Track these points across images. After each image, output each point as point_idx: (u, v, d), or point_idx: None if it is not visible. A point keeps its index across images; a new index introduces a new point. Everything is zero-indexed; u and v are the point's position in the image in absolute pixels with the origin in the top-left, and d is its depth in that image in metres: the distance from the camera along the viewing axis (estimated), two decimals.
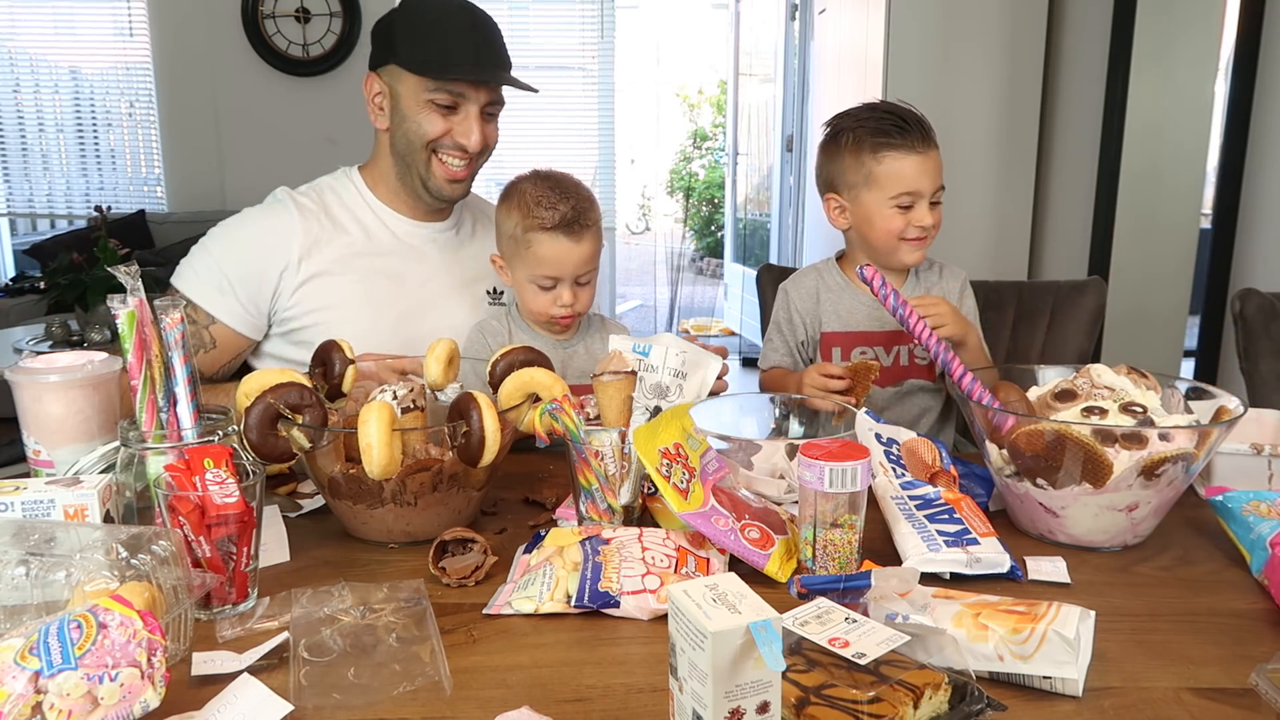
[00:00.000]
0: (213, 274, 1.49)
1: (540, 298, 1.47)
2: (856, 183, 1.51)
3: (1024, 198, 3.75)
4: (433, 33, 1.47)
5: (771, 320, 1.66)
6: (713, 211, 9.98)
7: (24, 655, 0.65)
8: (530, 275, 1.46)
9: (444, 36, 1.47)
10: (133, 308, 0.97)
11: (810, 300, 1.60)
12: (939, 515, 1.05)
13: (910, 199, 1.49)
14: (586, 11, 5.00)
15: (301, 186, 1.60)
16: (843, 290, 1.59)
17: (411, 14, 1.50)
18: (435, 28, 1.48)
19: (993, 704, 0.70)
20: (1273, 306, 1.81)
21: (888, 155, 1.48)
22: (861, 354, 1.57)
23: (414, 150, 1.52)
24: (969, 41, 3.60)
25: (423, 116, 1.49)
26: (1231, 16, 3.07)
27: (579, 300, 1.48)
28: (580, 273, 1.46)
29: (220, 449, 0.92)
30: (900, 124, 1.49)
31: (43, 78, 5.13)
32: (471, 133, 1.50)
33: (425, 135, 1.49)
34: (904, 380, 1.57)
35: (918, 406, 1.58)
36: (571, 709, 0.76)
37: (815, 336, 1.59)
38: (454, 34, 1.47)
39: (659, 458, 0.96)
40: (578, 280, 1.47)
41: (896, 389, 1.57)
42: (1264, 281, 2.63)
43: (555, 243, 1.43)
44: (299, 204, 1.54)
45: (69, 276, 3.53)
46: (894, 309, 1.27)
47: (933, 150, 1.50)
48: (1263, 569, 0.97)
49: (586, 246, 1.45)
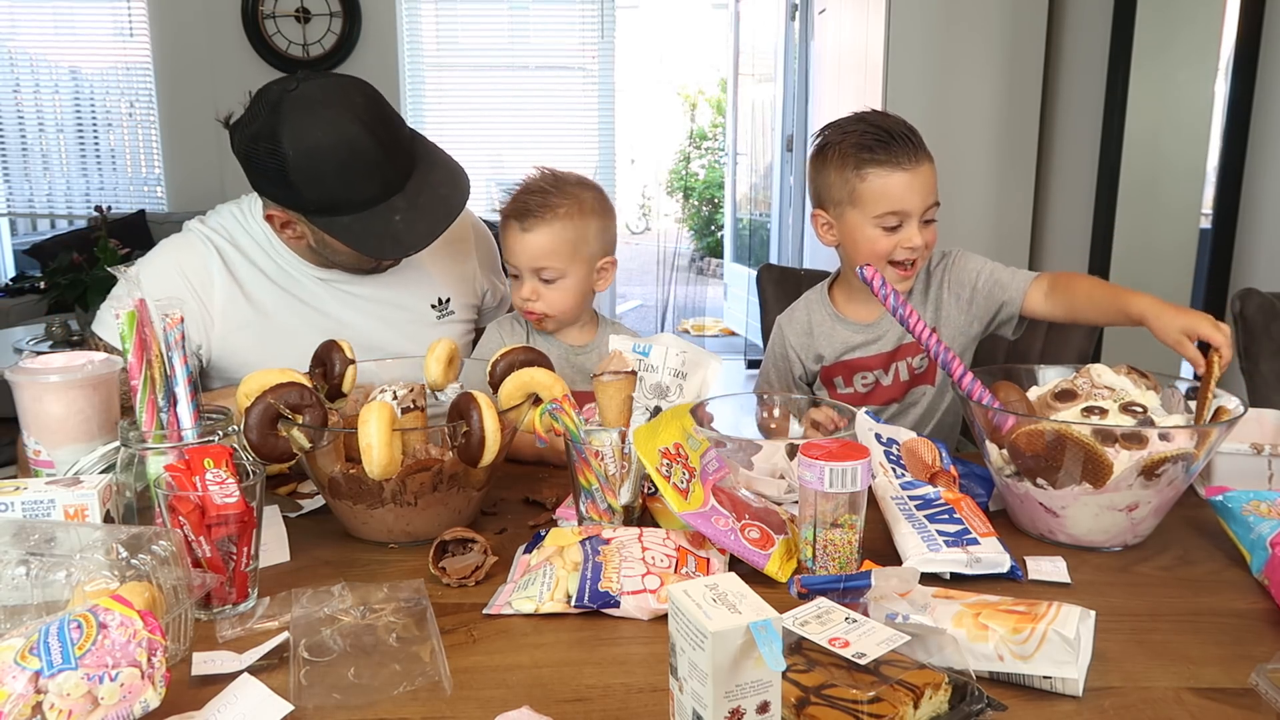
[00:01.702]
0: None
1: (513, 288, 1.48)
2: (841, 199, 1.44)
3: (1024, 198, 3.75)
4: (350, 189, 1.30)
5: (767, 353, 1.64)
6: (713, 211, 9.98)
7: (24, 655, 0.65)
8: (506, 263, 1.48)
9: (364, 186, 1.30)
10: (133, 308, 0.97)
11: (804, 336, 1.57)
12: (939, 515, 1.05)
13: (897, 219, 1.40)
14: (586, 11, 5.00)
15: (210, 220, 1.50)
16: (835, 322, 1.56)
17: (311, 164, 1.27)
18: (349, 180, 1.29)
19: (993, 704, 0.70)
20: (1273, 306, 1.81)
21: (871, 171, 1.39)
22: (863, 380, 1.55)
23: (350, 267, 1.47)
24: (969, 41, 3.60)
25: (334, 251, 1.40)
26: (1231, 16, 3.07)
27: (542, 298, 1.45)
28: (536, 266, 1.43)
29: (220, 449, 0.92)
30: (884, 137, 1.40)
31: (43, 78, 5.14)
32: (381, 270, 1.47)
33: (366, 264, 1.45)
34: (908, 393, 1.56)
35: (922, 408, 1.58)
36: (571, 709, 0.76)
37: (814, 369, 1.57)
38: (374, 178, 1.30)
39: (659, 458, 0.96)
40: (541, 276, 1.44)
41: (899, 404, 1.57)
42: (1264, 281, 2.63)
43: (509, 229, 1.44)
44: (215, 244, 1.46)
45: (69, 276, 3.54)
46: (894, 309, 1.26)
47: (923, 165, 1.41)
48: (1263, 569, 0.97)
49: (538, 239, 1.41)
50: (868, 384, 1.55)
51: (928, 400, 1.56)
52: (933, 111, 3.60)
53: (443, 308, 1.59)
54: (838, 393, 1.56)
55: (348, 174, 1.29)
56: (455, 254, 1.63)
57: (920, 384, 1.56)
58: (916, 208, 1.41)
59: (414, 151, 1.39)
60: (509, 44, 5.05)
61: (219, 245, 1.47)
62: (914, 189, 1.40)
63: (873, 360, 1.54)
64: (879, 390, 1.55)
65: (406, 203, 1.33)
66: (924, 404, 1.56)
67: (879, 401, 1.56)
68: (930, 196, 1.43)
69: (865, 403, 1.54)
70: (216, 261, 1.45)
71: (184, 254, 1.46)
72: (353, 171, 1.29)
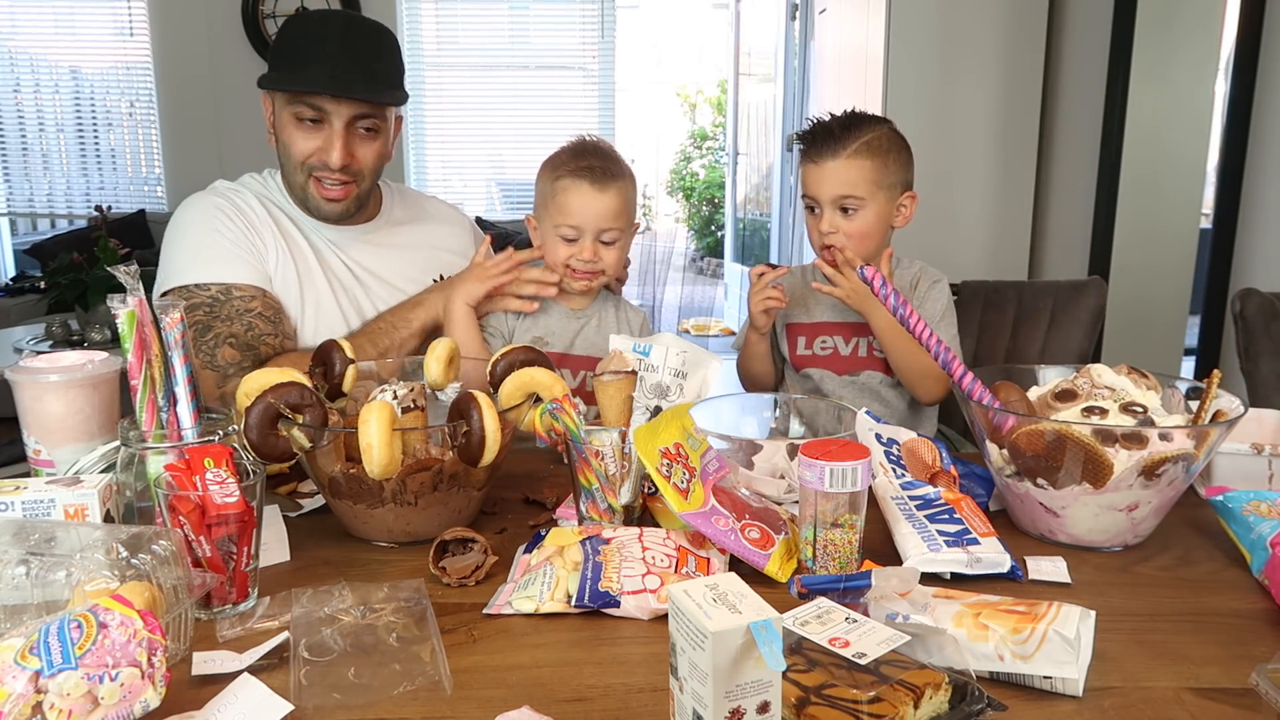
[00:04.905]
0: (205, 249, 1.47)
1: (561, 249, 1.50)
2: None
3: (1024, 198, 3.75)
4: (295, 47, 1.47)
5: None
6: (713, 211, 9.98)
7: (24, 655, 0.65)
8: (555, 225, 1.49)
9: (306, 50, 1.46)
10: (133, 308, 0.97)
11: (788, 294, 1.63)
12: (939, 515, 1.05)
13: (811, 203, 1.55)
14: (586, 11, 5.00)
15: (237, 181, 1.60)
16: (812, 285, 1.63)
17: (288, 29, 1.51)
18: (299, 42, 1.47)
19: (993, 704, 0.70)
20: (1273, 306, 1.81)
21: (803, 164, 1.56)
22: (823, 344, 1.61)
23: (293, 170, 1.52)
24: (969, 41, 3.61)
25: (290, 134, 1.48)
26: (1231, 17, 3.07)
27: (601, 258, 1.50)
28: (603, 227, 1.48)
29: (220, 449, 0.92)
30: (813, 133, 1.53)
31: (43, 78, 5.14)
32: (332, 150, 1.47)
33: (294, 155, 1.49)
34: (860, 371, 1.61)
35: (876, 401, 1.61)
36: (571, 709, 0.76)
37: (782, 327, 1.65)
38: (317, 46, 1.45)
39: (659, 458, 0.96)
40: (601, 238, 1.49)
41: (852, 378, 1.61)
42: (1264, 281, 2.64)
43: (579, 190, 1.46)
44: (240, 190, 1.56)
45: (69, 276, 3.53)
46: (894, 309, 1.27)
47: (840, 160, 1.50)
48: (1263, 569, 0.97)
49: (610, 199, 1.47)
50: (826, 349, 1.62)
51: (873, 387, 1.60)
52: (933, 111, 3.60)
53: None
54: (797, 352, 1.64)
55: (302, 45, 1.46)
56: (454, 241, 1.72)
57: (873, 369, 1.60)
58: (824, 197, 1.52)
59: (368, 68, 1.47)
60: (509, 44, 5.05)
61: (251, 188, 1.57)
62: (822, 180, 1.52)
63: (839, 326, 1.61)
64: (836, 358, 1.62)
65: (323, 71, 1.44)
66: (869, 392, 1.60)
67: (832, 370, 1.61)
68: (841, 190, 1.51)
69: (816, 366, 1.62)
70: (256, 203, 1.54)
71: (224, 199, 1.53)
72: (309, 44, 1.45)
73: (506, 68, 5.10)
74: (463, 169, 5.29)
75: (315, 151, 1.48)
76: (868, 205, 1.51)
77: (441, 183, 5.21)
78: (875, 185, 1.51)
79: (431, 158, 5.20)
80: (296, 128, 1.47)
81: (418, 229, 1.68)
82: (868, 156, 1.50)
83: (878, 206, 1.52)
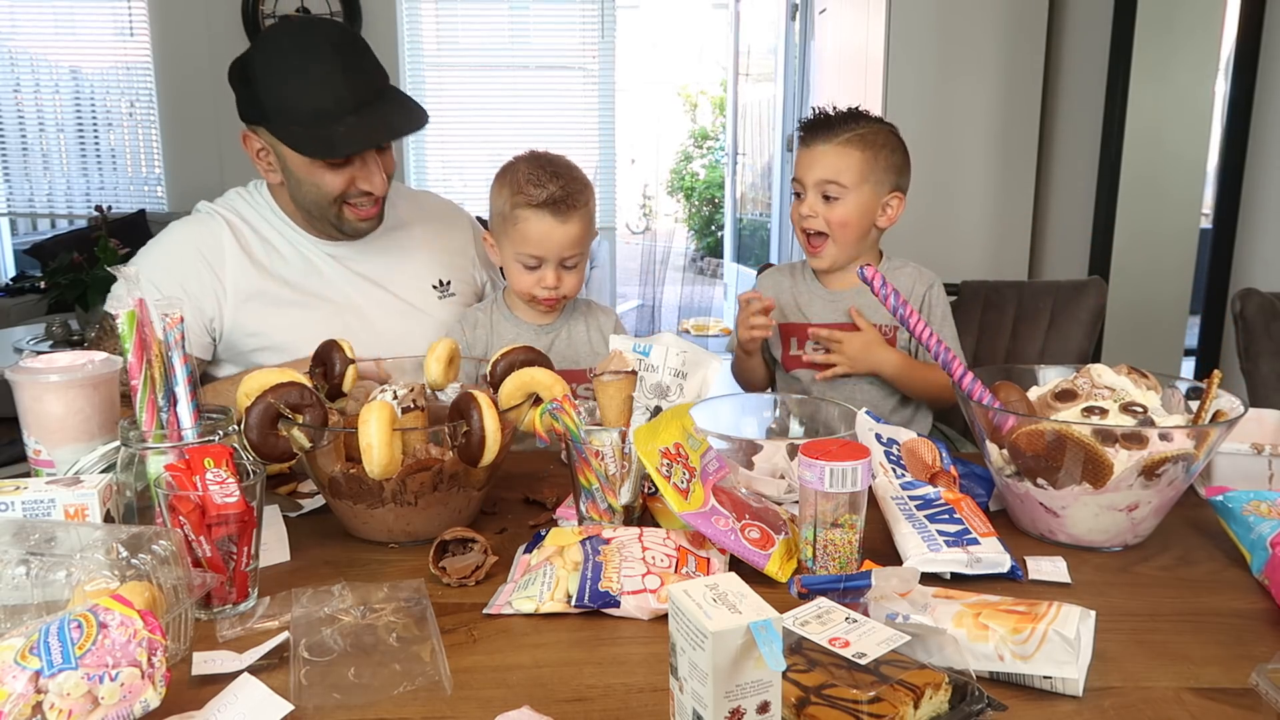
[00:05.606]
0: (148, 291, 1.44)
1: (524, 277, 1.49)
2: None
3: (1024, 198, 3.75)
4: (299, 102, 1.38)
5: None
6: (713, 211, 9.98)
7: (24, 655, 0.65)
8: (516, 253, 1.47)
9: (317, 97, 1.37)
10: (133, 307, 0.97)
11: (773, 291, 1.64)
12: (939, 515, 1.05)
13: (798, 187, 1.56)
14: (586, 11, 5.00)
15: (218, 201, 1.56)
16: (808, 284, 1.63)
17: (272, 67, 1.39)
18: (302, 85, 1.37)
19: (993, 704, 0.70)
20: (1273, 306, 1.81)
21: (797, 149, 1.58)
22: (814, 345, 1.60)
23: (321, 206, 1.47)
24: (969, 41, 3.61)
25: (315, 175, 1.43)
26: (1232, 16, 3.08)
27: (564, 283, 1.49)
28: (565, 255, 1.47)
29: (220, 449, 0.92)
30: (814, 119, 1.56)
31: (43, 78, 5.13)
32: (374, 177, 1.45)
33: (329, 194, 1.45)
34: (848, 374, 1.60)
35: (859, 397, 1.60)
36: (571, 709, 0.76)
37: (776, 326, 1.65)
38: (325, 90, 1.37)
39: (659, 458, 0.96)
40: (563, 263, 1.48)
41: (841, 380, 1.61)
42: (1264, 281, 2.64)
43: (541, 221, 1.44)
44: (225, 218, 1.51)
45: (69, 276, 3.54)
46: (894, 309, 1.26)
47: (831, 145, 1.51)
48: (1263, 569, 0.97)
49: (573, 228, 1.45)
50: (818, 349, 1.60)
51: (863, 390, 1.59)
52: (933, 111, 3.60)
53: (444, 289, 1.64)
54: (789, 352, 1.63)
55: (302, 79, 1.38)
56: (455, 240, 1.71)
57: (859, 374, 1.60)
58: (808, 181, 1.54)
59: (382, 91, 1.45)
60: (509, 44, 5.05)
61: (229, 219, 1.53)
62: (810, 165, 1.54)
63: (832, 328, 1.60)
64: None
65: (356, 120, 1.39)
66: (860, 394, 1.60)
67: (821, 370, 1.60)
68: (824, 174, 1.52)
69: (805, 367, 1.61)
70: (227, 233, 1.51)
71: (194, 229, 1.52)
72: (308, 78, 1.37)
73: (506, 68, 5.09)
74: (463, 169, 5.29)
75: (350, 183, 1.44)
76: (850, 195, 1.52)
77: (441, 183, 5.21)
78: (861, 177, 1.51)
79: (431, 158, 5.20)
80: (325, 168, 1.42)
81: (418, 230, 1.67)
82: (858, 147, 1.51)
83: (861, 199, 1.52)
